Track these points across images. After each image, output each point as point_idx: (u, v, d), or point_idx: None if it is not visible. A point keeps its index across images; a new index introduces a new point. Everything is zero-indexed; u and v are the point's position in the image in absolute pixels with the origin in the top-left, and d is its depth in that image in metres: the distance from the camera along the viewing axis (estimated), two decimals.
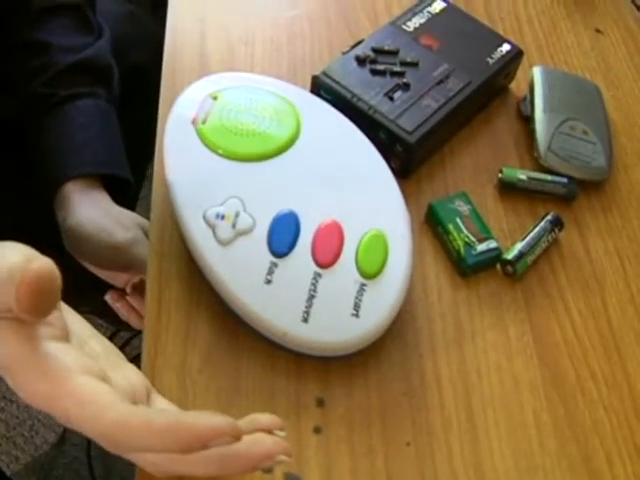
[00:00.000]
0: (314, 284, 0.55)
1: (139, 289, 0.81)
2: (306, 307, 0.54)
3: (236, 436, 0.38)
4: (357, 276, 0.56)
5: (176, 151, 0.59)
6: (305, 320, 0.54)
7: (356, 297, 0.55)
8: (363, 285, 0.55)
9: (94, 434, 0.38)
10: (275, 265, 0.55)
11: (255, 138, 0.60)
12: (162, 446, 0.37)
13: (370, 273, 0.56)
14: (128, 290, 0.82)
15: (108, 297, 0.83)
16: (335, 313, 0.55)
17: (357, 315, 0.54)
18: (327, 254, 0.56)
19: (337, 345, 0.55)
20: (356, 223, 0.58)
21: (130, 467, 0.48)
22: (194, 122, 0.60)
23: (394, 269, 0.57)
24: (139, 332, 1.32)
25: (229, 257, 0.55)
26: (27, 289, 0.35)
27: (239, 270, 0.55)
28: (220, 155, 0.59)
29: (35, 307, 0.36)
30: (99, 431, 0.38)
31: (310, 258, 0.55)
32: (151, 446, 0.38)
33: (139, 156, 0.88)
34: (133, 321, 0.83)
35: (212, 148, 0.59)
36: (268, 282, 0.54)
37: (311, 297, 0.54)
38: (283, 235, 0.56)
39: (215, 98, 0.62)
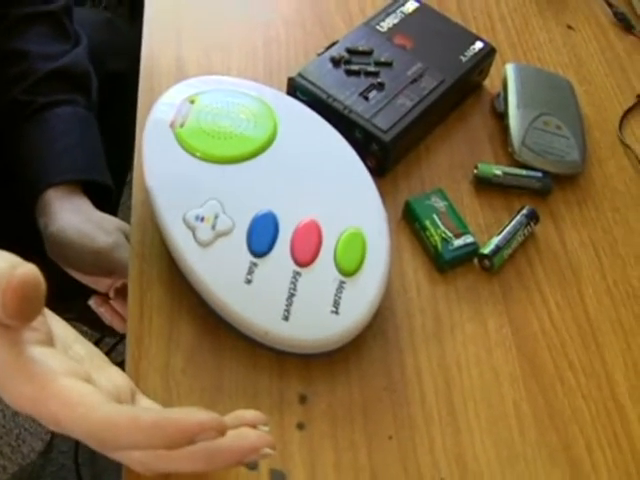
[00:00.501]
0: (294, 283, 0.55)
1: (122, 293, 0.81)
2: (286, 305, 0.55)
3: (221, 431, 0.39)
4: (336, 274, 0.56)
5: (155, 155, 0.60)
6: (286, 318, 0.54)
7: (335, 294, 0.56)
8: (342, 282, 0.56)
9: (82, 434, 0.38)
10: (255, 265, 0.55)
11: (233, 140, 0.60)
12: (148, 442, 0.38)
13: (349, 271, 0.56)
14: (111, 295, 0.82)
15: (92, 302, 0.84)
16: (315, 311, 0.55)
17: (337, 312, 0.55)
18: (306, 253, 0.56)
19: (318, 342, 0.55)
20: (334, 222, 0.58)
21: (118, 473, 0.49)
22: (172, 126, 0.61)
23: (372, 266, 0.58)
24: (124, 338, 1.32)
25: (209, 258, 0.55)
26: (13, 294, 0.36)
27: (219, 271, 0.55)
28: (198, 158, 0.59)
29: (21, 312, 0.37)
30: (87, 431, 0.38)
31: (289, 257, 0.56)
32: (138, 443, 0.38)
33: (119, 162, 0.89)
34: (117, 325, 0.83)
35: (190, 151, 0.59)
36: (248, 282, 0.55)
37: (291, 295, 0.55)
38: (262, 235, 0.56)
39: (192, 102, 0.63)
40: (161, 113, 0.62)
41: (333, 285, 0.56)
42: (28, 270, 0.37)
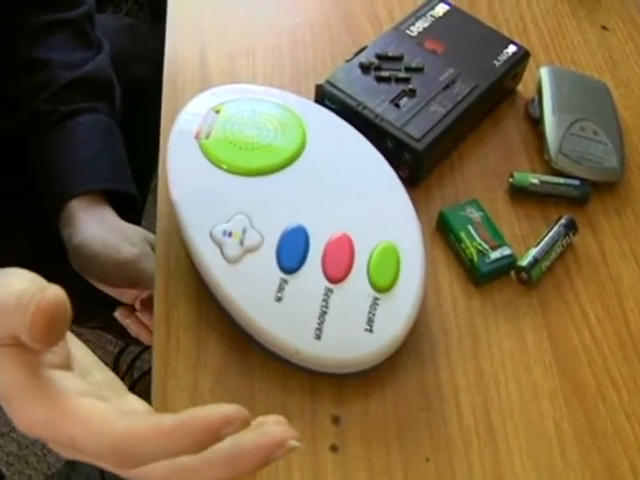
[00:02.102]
0: (326, 300, 0.54)
1: (148, 304, 0.80)
2: (318, 324, 0.53)
3: (246, 420, 0.37)
4: (369, 290, 0.54)
5: (179, 168, 0.58)
6: (318, 337, 0.53)
7: (369, 312, 0.54)
8: (376, 299, 0.54)
9: (100, 451, 0.36)
10: (285, 282, 0.54)
11: (260, 151, 0.59)
12: (173, 447, 0.36)
13: (383, 286, 0.55)
14: (137, 306, 0.81)
15: (117, 314, 0.83)
16: (348, 329, 0.53)
17: (371, 330, 0.53)
18: (338, 268, 0.55)
19: (351, 362, 0.54)
20: (367, 235, 0.56)
21: None
22: (197, 137, 0.59)
23: (407, 281, 0.56)
24: (149, 347, 1.32)
25: (238, 275, 0.54)
26: (43, 317, 0.34)
27: (248, 288, 0.54)
28: (225, 170, 0.58)
29: (47, 335, 0.35)
30: (107, 446, 0.36)
31: (321, 273, 0.54)
32: (162, 449, 0.36)
33: (143, 169, 0.87)
34: (143, 337, 0.82)
35: (216, 163, 0.58)
36: (279, 299, 0.53)
37: (323, 313, 0.53)
38: (292, 250, 0.55)
39: (218, 112, 0.61)
40: (186, 123, 0.61)
41: (367, 302, 0.54)
42: (57, 292, 0.35)
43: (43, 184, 0.78)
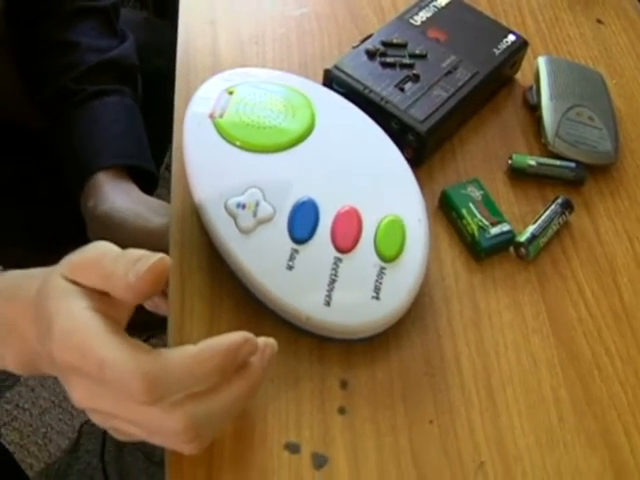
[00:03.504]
0: (335, 269, 0.56)
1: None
2: (328, 291, 0.55)
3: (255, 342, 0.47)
4: (376, 260, 0.57)
5: (195, 144, 0.61)
6: (327, 304, 0.55)
7: (376, 280, 0.56)
8: (382, 268, 0.57)
9: (131, 374, 0.42)
10: (296, 251, 0.56)
11: (272, 130, 0.61)
12: (201, 370, 0.43)
13: (389, 257, 0.57)
14: None
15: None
16: (356, 296, 0.56)
17: (378, 297, 0.56)
18: (347, 239, 0.57)
19: (359, 327, 0.56)
20: (373, 209, 0.59)
21: (144, 471, 0.50)
22: (211, 116, 0.62)
23: (412, 252, 0.58)
24: (154, 334, 1.33)
25: (251, 245, 0.56)
26: (158, 266, 0.44)
27: (261, 257, 0.56)
28: (238, 147, 0.60)
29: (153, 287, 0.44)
30: (137, 368, 0.42)
31: (330, 243, 0.57)
32: (192, 373, 0.43)
33: (155, 159, 0.90)
34: (163, 307, 0.83)
35: (230, 140, 0.60)
36: (290, 268, 0.56)
37: (332, 281, 0.56)
38: (303, 222, 0.57)
39: (231, 93, 0.64)
40: (199, 106, 0.63)
41: (374, 271, 0.57)
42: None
43: (68, 158, 0.81)
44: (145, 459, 1.40)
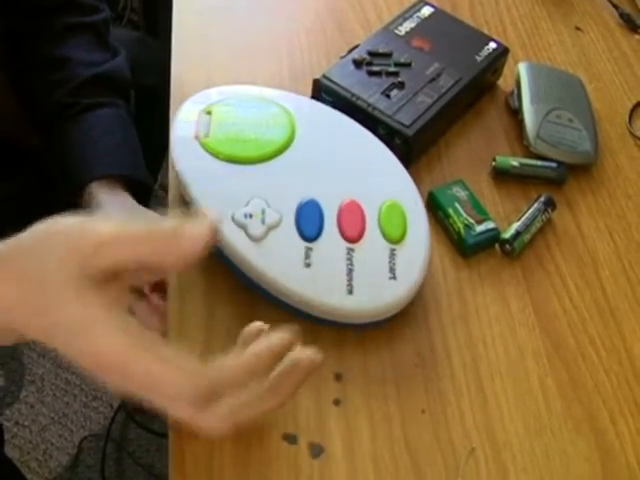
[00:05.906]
0: (349, 258, 0.59)
1: (159, 289, 0.82)
2: (348, 280, 0.59)
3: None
4: (385, 243, 0.61)
5: (188, 168, 0.62)
6: (350, 292, 0.58)
7: (390, 261, 0.60)
8: (393, 250, 0.61)
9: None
10: (310, 249, 0.59)
11: (257, 142, 0.64)
12: (250, 370, 0.46)
13: (396, 238, 0.61)
14: (146, 291, 0.82)
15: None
16: (375, 280, 0.60)
17: (395, 277, 0.60)
18: (353, 229, 0.61)
19: (383, 308, 0.60)
20: (372, 197, 0.63)
21: None
22: (197, 137, 0.64)
23: (415, 230, 0.62)
24: None
25: (265, 251, 0.59)
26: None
27: (278, 260, 0.58)
28: (228, 162, 0.62)
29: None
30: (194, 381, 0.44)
31: (339, 236, 0.60)
32: (241, 374, 0.46)
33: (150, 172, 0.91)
34: (155, 322, 0.83)
35: (220, 157, 0.62)
36: (308, 265, 0.58)
37: (350, 270, 0.59)
38: (310, 221, 0.60)
39: (209, 113, 0.66)
40: (183, 130, 0.65)
41: (385, 253, 0.60)
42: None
43: (62, 170, 0.82)
44: (145, 473, 1.41)
